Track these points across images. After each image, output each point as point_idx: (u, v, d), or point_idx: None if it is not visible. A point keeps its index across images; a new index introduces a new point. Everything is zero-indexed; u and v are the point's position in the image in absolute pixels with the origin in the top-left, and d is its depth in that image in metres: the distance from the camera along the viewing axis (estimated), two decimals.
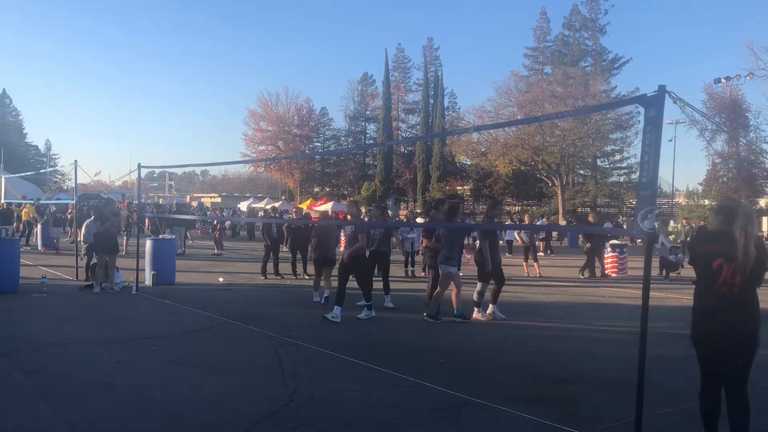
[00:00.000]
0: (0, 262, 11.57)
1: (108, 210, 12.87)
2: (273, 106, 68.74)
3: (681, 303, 12.51)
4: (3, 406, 5.22)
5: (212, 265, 17.94)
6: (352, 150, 75.51)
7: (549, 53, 63.17)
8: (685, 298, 12.98)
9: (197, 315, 9.84)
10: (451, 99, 72.51)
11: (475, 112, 49.55)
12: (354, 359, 7.08)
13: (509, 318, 10.15)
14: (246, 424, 4.85)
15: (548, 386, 6.25)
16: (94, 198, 40.49)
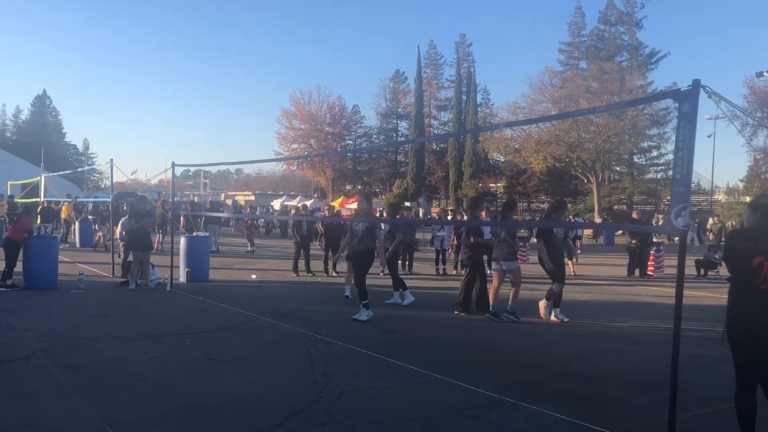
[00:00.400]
0: (39, 259, 11.87)
1: (142, 207, 13.08)
2: (305, 105, 69.25)
3: (718, 302, 12.24)
4: (42, 399, 5.34)
5: (245, 263, 18.12)
6: (383, 147, 75.49)
7: (584, 48, 62.37)
8: (723, 297, 12.70)
9: (230, 311, 9.95)
10: (484, 95, 72.17)
11: (509, 108, 49.15)
12: (384, 356, 7.08)
13: (537, 316, 10.03)
14: (276, 420, 4.88)
15: (580, 385, 6.18)
16: (131, 196, 41.27)
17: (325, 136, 69.11)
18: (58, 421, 4.81)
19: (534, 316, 10.15)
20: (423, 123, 67.35)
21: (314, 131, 68.85)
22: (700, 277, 16.56)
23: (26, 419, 4.83)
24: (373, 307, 9.71)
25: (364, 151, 72.26)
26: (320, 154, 62.08)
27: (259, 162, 39.73)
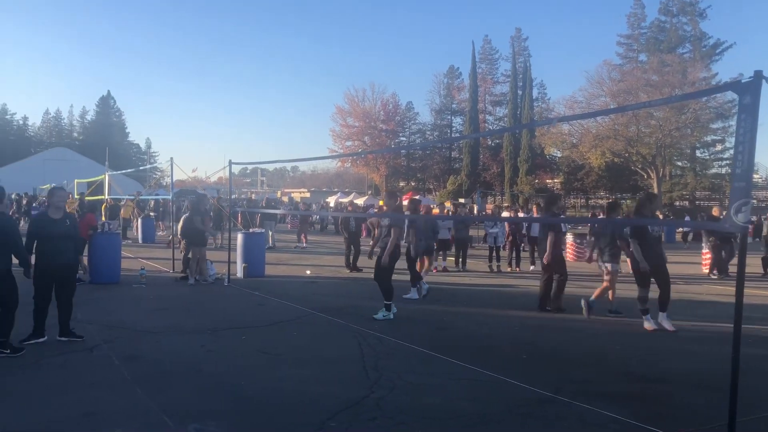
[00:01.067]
0: (103, 254, 12.33)
1: (202, 205, 13.42)
2: (359, 102, 69.53)
3: None
4: (105, 389, 5.56)
5: (300, 259, 18.37)
6: (437, 143, 75.28)
7: (644, 40, 60.60)
8: None
9: (284, 306, 10.12)
10: (541, 90, 70.99)
11: (566, 102, 48.13)
12: (435, 353, 7.08)
13: (598, 314, 9.84)
14: (328, 414, 4.95)
15: (636, 385, 6.04)
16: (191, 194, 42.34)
17: (378, 133, 69.30)
18: (119, 411, 5.00)
19: (600, 314, 9.95)
20: (477, 119, 66.76)
21: (368, 128, 69.10)
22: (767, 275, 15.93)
23: (90, 408, 5.03)
24: (422, 303, 9.68)
25: (418, 148, 72.06)
26: (374, 150, 62.24)
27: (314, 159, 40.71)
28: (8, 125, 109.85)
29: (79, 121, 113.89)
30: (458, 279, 14.12)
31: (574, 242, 20.62)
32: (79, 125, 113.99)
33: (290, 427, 4.73)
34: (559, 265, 10.30)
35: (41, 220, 7.29)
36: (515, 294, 11.97)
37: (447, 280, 14.24)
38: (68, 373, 6.04)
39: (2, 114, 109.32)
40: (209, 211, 13.63)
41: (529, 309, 10.27)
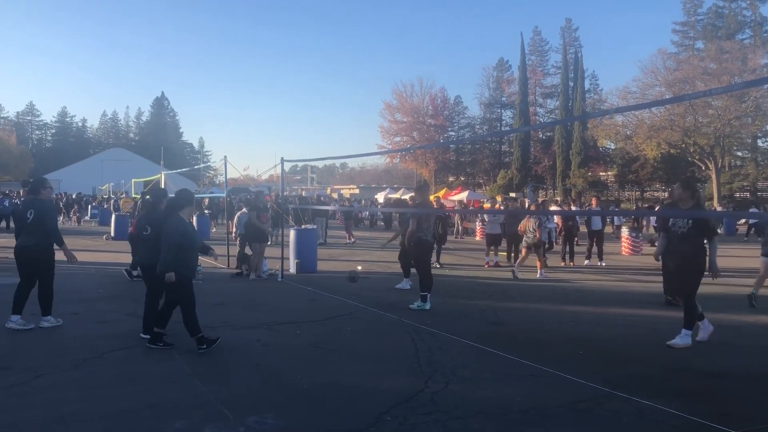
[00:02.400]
0: None
1: (260, 201, 13.67)
2: (408, 98, 69.51)
3: None
4: (166, 382, 5.72)
5: (351, 254, 18.49)
6: (487, 137, 74.52)
7: (700, 27, 58.79)
8: None
9: (337, 301, 10.20)
10: (593, 81, 69.63)
11: (619, 93, 47.04)
12: (489, 348, 7.04)
13: (656, 308, 9.60)
14: (383, 407, 4.97)
15: (696, 381, 5.88)
16: (243, 191, 43.09)
17: (427, 128, 69.15)
18: (181, 403, 5.13)
19: (647, 308, 9.74)
20: (528, 111, 65.91)
21: (416, 124, 69.03)
22: None
23: (152, 400, 5.18)
24: (474, 299, 9.63)
25: (467, 142, 71.63)
26: (423, 146, 62.13)
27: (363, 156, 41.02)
28: (68, 127, 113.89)
29: (134, 122, 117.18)
30: (510, 274, 13.97)
31: (629, 236, 20.17)
32: (134, 126, 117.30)
33: (346, 420, 4.77)
34: None
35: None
36: (569, 289, 11.79)
37: (499, 275, 14.13)
38: (131, 366, 6.23)
39: (62, 117, 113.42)
40: (267, 207, 13.85)
41: (583, 304, 10.10)
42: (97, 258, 16.53)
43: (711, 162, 43.42)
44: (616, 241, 21.84)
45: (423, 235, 9.75)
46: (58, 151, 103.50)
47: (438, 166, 70.96)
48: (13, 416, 4.79)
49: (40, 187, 8.08)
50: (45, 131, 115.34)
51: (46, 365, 6.18)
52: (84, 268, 14.27)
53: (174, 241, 6.71)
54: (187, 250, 6.84)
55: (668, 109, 41.61)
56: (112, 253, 17.46)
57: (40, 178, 8.63)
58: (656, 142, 43.56)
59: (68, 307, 9.24)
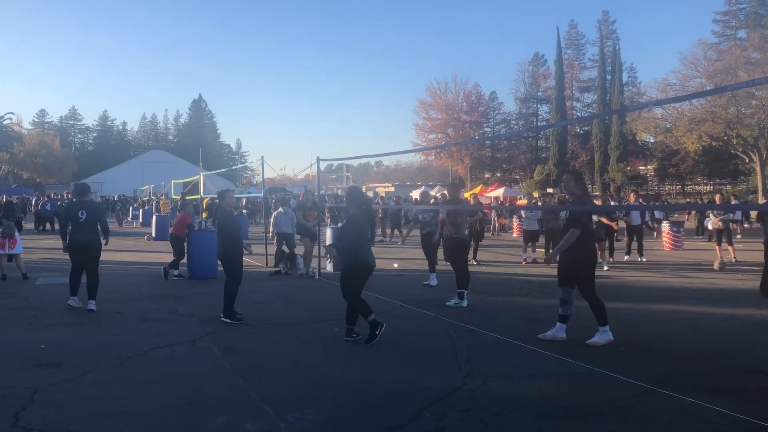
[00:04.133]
0: (200, 251, 12.84)
1: (308, 200, 13.87)
2: (442, 95, 69.26)
3: None
4: (207, 379, 5.83)
5: (386, 252, 18.52)
6: (522, 132, 73.88)
7: (743, 16, 57.21)
8: None
9: (374, 299, 10.19)
10: (631, 74, 68.40)
11: (658, 85, 46.10)
12: (527, 345, 7.00)
13: (698, 305, 9.42)
14: (422, 404, 4.99)
15: (742, 378, 5.75)
16: (280, 191, 43.50)
17: (462, 125, 68.79)
18: (222, 400, 5.22)
19: (689, 304, 9.57)
20: (564, 106, 65.02)
21: (451, 120, 68.73)
22: None
23: (194, 396, 5.28)
24: (512, 296, 9.56)
25: (503, 138, 70.93)
26: (458, 142, 61.73)
27: (397, 153, 41.12)
28: (109, 131, 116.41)
29: (173, 124, 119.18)
30: (549, 270, 13.83)
31: (670, 231, 19.80)
32: (173, 128, 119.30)
33: (385, 416, 4.80)
34: None
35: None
36: (609, 285, 11.62)
37: (536, 271, 14.00)
38: (174, 364, 6.36)
39: (103, 120, 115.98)
40: (316, 205, 14.02)
41: (623, 300, 9.95)
42: (140, 258, 16.89)
43: (755, 154, 42.26)
44: (654, 235, 21.46)
45: (456, 233, 9.73)
46: (99, 154, 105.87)
47: (473, 163, 70.56)
48: (62, 412, 4.93)
49: (87, 191, 9.67)
50: (87, 135, 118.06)
51: (92, 362, 6.35)
52: (126, 268, 14.62)
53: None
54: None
55: (709, 101, 40.64)
56: (153, 253, 17.81)
57: (85, 183, 10.15)
58: (697, 134, 42.56)
59: (112, 306, 9.48)
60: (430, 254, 11.93)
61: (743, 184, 48.85)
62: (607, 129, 60.32)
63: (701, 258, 16.82)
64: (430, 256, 11.92)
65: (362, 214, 7.40)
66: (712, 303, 9.74)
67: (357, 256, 7.27)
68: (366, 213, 7.44)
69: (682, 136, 44.02)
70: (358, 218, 7.39)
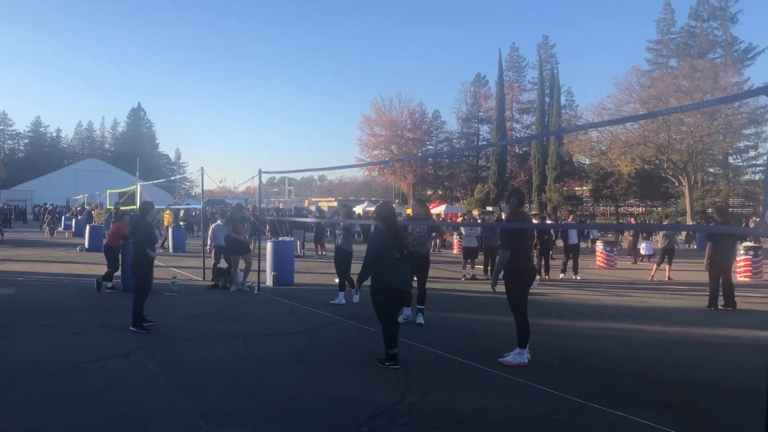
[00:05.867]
0: None
1: (238, 214, 13.60)
2: (386, 111, 69.83)
3: None
4: (141, 393, 5.67)
5: (328, 267, 18.41)
6: (464, 150, 75.05)
7: (674, 46, 60.07)
8: None
9: (314, 314, 10.19)
10: (568, 97, 70.69)
11: (594, 109, 47.77)
12: (467, 360, 7.08)
13: (630, 322, 9.74)
14: (359, 419, 4.98)
15: (670, 392, 5.96)
16: (220, 203, 42.84)
17: (405, 142, 69.44)
18: (156, 414, 5.09)
19: (621, 321, 9.88)
20: (505, 126, 66.52)
21: (395, 137, 69.31)
22: None
23: (126, 411, 5.13)
24: (452, 312, 9.66)
25: (445, 155, 72.05)
26: (401, 158, 62.35)
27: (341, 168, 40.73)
28: (42, 137, 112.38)
29: (110, 133, 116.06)
30: (487, 287, 14.06)
31: (603, 250, 20.42)
32: (110, 136, 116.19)
33: (324, 431, 4.77)
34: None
35: None
36: (545, 303, 11.89)
37: (476, 288, 14.20)
38: (106, 378, 6.16)
39: (36, 126, 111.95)
40: (246, 219, 13.77)
41: (559, 317, 10.20)
42: (71, 269, 16.32)
43: (684, 178, 44.18)
44: (591, 255, 22.10)
45: (421, 249, 9.58)
46: (31, 161, 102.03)
47: (416, 180, 71.23)
48: None
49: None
50: (18, 141, 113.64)
51: (19, 376, 6.09)
52: (57, 280, 14.11)
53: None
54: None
55: (642, 126, 42.29)
56: (86, 265, 17.24)
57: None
58: (630, 157, 44.22)
59: (41, 318, 9.13)
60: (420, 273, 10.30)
61: (673, 206, 50.93)
62: (545, 150, 62.00)
63: (633, 277, 17.40)
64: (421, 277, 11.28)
65: (385, 231, 6.85)
66: (643, 320, 10.08)
67: (377, 280, 6.80)
68: (390, 231, 6.84)
69: (616, 159, 45.64)
70: (377, 237, 6.92)
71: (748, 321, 10.09)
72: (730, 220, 11.09)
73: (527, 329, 7.05)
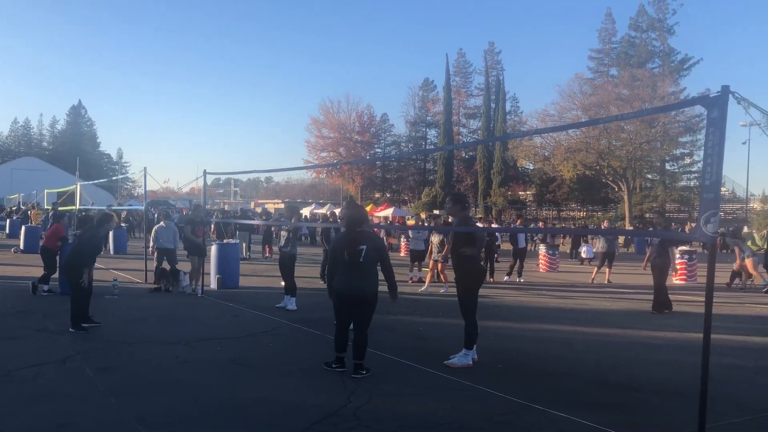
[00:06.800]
0: None
1: (197, 216, 13.34)
2: (334, 113, 69.63)
3: (754, 311, 12.05)
4: (78, 400, 5.49)
5: (275, 270, 18.22)
6: (412, 154, 75.61)
7: (614, 55, 61.76)
8: (760, 306, 12.48)
9: (259, 317, 10.08)
10: (513, 103, 71.84)
11: (538, 116, 48.76)
12: (413, 363, 7.13)
13: (572, 324, 9.98)
14: (305, 423, 4.95)
15: (611, 393, 6.14)
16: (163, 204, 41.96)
17: (354, 145, 69.40)
18: (93, 422, 4.95)
19: (563, 324, 10.11)
20: (452, 131, 67.23)
21: (343, 140, 69.18)
22: (733, 285, 16.30)
23: (63, 419, 4.97)
24: (399, 314, 9.70)
25: (393, 159, 72.33)
26: (349, 161, 62.30)
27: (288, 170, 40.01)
28: None
29: (49, 131, 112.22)
30: (434, 289, 14.19)
31: (546, 253, 20.85)
32: (49, 135, 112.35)
33: None
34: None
35: None
36: (490, 305, 12.05)
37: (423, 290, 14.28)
38: (41, 385, 5.95)
39: None
40: (204, 221, 13.49)
41: (503, 319, 10.36)
42: (5, 271, 15.71)
43: (623, 183, 45.52)
44: (534, 258, 22.55)
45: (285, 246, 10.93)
46: None
47: (364, 183, 71.24)
48: None
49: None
50: None
51: None
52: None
53: None
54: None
55: (584, 132, 43.39)
56: (21, 267, 16.63)
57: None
58: (572, 163, 45.29)
59: None
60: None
61: (613, 211, 52.41)
62: (491, 155, 62.93)
63: (575, 280, 17.82)
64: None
65: (341, 234, 6.81)
66: (584, 323, 10.34)
67: (328, 284, 6.84)
68: (345, 234, 6.75)
69: (559, 164, 46.68)
70: (336, 238, 6.87)
71: (684, 323, 10.45)
72: (669, 225, 11.68)
73: (476, 331, 7.12)
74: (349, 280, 6.67)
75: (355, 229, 6.77)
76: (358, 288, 6.68)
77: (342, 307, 6.78)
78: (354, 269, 6.65)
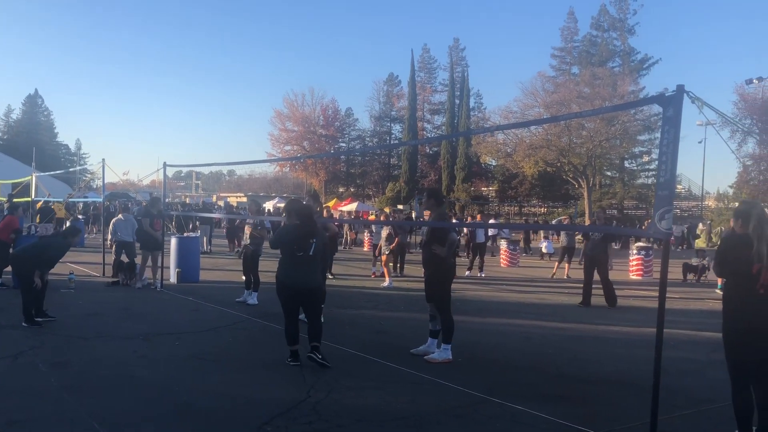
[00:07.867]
0: None
1: (155, 208, 13.07)
2: (299, 107, 69.16)
3: (706, 306, 12.37)
4: (29, 397, 5.36)
5: (236, 264, 18.07)
6: (376, 149, 75.61)
7: (576, 54, 62.61)
8: (711, 301, 12.83)
9: (220, 312, 9.98)
10: (477, 100, 72.25)
11: (501, 112, 49.15)
12: (372, 357, 7.14)
13: (531, 318, 10.11)
14: (264, 418, 4.92)
15: (567, 386, 6.24)
16: (122, 196, 41.20)
17: (318, 139, 69.08)
18: (46, 419, 4.84)
19: (522, 318, 10.25)
20: (416, 126, 67.39)
21: (307, 133, 68.80)
22: (685, 280, 16.73)
23: (14, 417, 4.85)
24: (359, 309, 9.71)
25: (357, 153, 72.33)
26: (313, 155, 62.02)
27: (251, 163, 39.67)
28: None
29: (3, 120, 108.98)
30: (396, 284, 14.23)
31: (507, 249, 21.08)
32: (3, 124, 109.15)
33: None
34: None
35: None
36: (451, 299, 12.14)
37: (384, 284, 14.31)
38: None
39: None
40: (162, 213, 13.22)
41: (463, 313, 10.42)
42: None
43: (584, 180, 46.25)
44: (495, 253, 22.79)
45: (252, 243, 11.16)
46: None
47: (328, 177, 70.99)
48: None
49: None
50: None
51: None
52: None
53: None
54: None
55: (546, 129, 43.91)
56: None
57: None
58: (534, 160, 45.83)
59: None
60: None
61: (573, 207, 53.23)
62: (455, 151, 63.30)
63: (535, 275, 18.07)
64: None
65: (294, 228, 6.77)
66: (543, 317, 10.49)
67: (277, 276, 6.82)
68: (300, 229, 6.73)
69: (521, 161, 47.20)
70: (285, 230, 6.87)
71: (638, 317, 10.69)
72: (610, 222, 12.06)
73: (452, 326, 7.18)
74: (298, 273, 6.67)
75: (308, 223, 6.77)
76: (306, 281, 6.68)
77: (290, 300, 6.77)
78: (303, 262, 6.67)
